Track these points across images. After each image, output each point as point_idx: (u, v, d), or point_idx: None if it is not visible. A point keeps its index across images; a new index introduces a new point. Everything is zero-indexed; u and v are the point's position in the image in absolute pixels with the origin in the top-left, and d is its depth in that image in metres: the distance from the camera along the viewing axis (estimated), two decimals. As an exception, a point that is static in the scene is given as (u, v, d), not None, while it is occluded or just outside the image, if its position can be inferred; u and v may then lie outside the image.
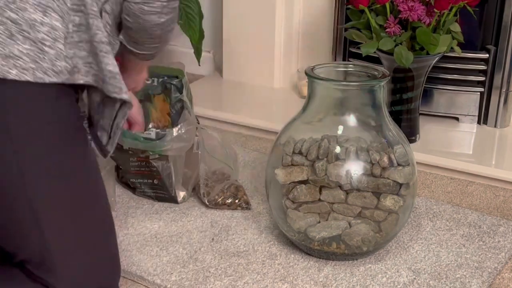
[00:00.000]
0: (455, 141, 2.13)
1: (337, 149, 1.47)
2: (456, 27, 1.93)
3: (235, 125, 2.27)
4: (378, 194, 1.48)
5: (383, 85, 1.48)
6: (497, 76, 2.12)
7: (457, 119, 2.20)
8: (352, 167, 1.46)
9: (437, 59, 1.95)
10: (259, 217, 1.71)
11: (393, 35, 1.86)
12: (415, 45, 1.89)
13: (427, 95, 2.16)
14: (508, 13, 2.05)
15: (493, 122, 2.17)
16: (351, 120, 1.51)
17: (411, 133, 2.03)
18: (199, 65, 2.39)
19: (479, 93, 2.15)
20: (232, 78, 2.59)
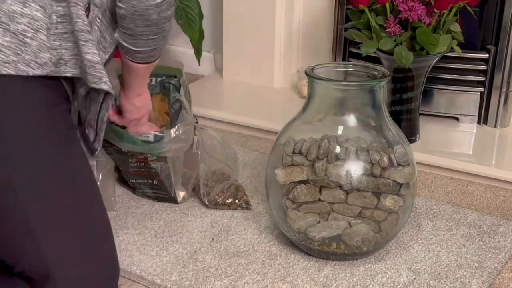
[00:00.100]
0: (455, 141, 2.12)
1: (337, 149, 1.47)
2: (456, 27, 1.93)
3: (235, 125, 2.26)
4: (378, 194, 1.48)
5: (383, 85, 1.48)
6: (497, 76, 2.12)
7: (457, 119, 2.20)
8: (352, 167, 1.46)
9: (437, 59, 1.95)
10: (259, 217, 1.71)
11: (393, 35, 1.86)
12: (415, 45, 1.89)
13: (427, 95, 2.16)
14: (508, 13, 2.05)
15: (493, 122, 2.17)
16: (351, 120, 1.51)
17: (411, 133, 2.03)
18: (199, 65, 2.39)
19: (479, 93, 2.15)
20: (232, 78, 2.58)
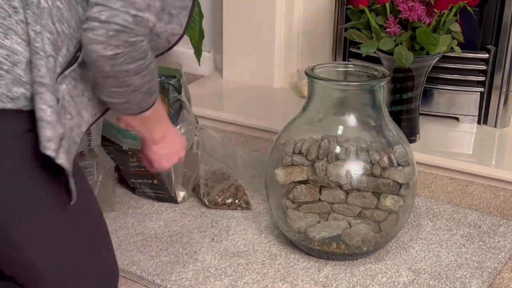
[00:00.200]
0: (455, 141, 2.12)
1: (337, 149, 1.47)
2: (456, 27, 1.93)
3: (235, 125, 2.26)
4: (378, 194, 1.48)
5: (383, 85, 1.48)
6: (497, 76, 2.12)
7: (457, 119, 2.20)
8: (352, 167, 1.46)
9: (437, 59, 1.95)
10: (259, 217, 1.71)
11: (393, 35, 1.86)
12: (415, 45, 1.89)
13: (427, 95, 2.16)
14: (508, 13, 2.05)
15: (493, 122, 2.17)
16: (351, 120, 1.51)
17: (411, 133, 2.03)
18: (199, 65, 2.38)
19: (479, 93, 2.15)
20: (232, 78, 2.58)
